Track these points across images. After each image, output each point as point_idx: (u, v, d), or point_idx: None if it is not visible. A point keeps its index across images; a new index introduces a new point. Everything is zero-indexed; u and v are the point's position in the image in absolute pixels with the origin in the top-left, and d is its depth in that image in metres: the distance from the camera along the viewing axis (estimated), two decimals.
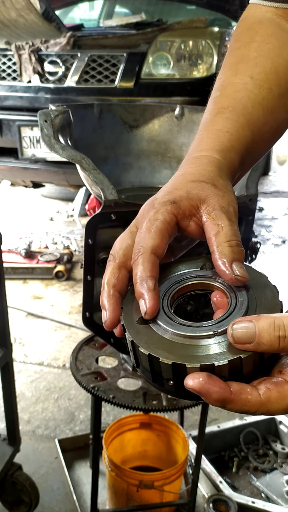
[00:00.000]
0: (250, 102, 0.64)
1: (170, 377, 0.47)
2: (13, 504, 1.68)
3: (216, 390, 0.45)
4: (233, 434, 1.96)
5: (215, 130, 0.62)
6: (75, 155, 1.14)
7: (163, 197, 0.54)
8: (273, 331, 0.44)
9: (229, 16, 4.19)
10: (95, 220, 1.13)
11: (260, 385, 0.46)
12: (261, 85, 0.64)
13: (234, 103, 0.64)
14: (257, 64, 0.66)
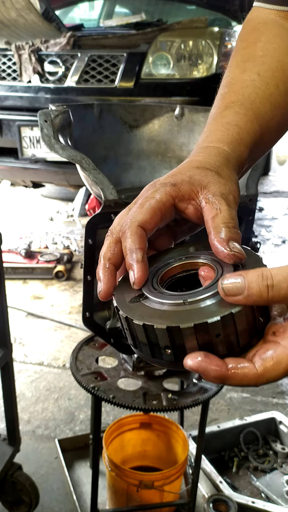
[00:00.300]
0: (258, 97, 0.66)
1: (168, 344, 0.47)
2: (13, 504, 1.68)
3: (213, 369, 0.46)
4: (233, 434, 1.96)
5: (225, 123, 0.63)
6: (75, 155, 1.14)
7: (165, 179, 0.56)
8: (261, 281, 0.45)
9: (229, 16, 4.18)
10: (95, 220, 1.13)
11: (255, 358, 0.47)
12: (268, 82, 0.67)
13: (243, 98, 0.66)
14: (263, 63, 0.69)
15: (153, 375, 1.43)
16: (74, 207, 4.76)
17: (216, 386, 1.39)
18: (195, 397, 1.34)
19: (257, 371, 0.46)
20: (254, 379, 0.46)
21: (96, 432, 1.43)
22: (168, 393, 1.36)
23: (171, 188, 0.54)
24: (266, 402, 2.31)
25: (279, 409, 2.23)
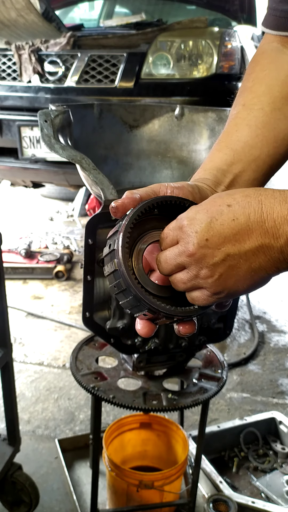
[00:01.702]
0: (236, 127, 0.76)
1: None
2: (13, 504, 1.68)
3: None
4: (233, 434, 1.96)
5: (206, 161, 0.76)
6: (75, 155, 1.14)
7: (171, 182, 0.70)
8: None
9: (229, 16, 4.18)
10: (95, 220, 1.13)
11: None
12: (251, 108, 0.76)
13: (225, 135, 0.77)
14: (251, 91, 0.78)
15: (153, 375, 1.43)
16: (74, 207, 4.76)
17: (216, 386, 1.39)
18: (195, 397, 1.35)
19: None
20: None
21: (96, 432, 1.43)
22: (168, 393, 1.36)
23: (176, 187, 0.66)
24: (266, 402, 2.31)
25: (279, 409, 2.23)
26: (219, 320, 1.38)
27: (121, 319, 1.26)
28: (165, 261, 0.61)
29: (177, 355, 1.40)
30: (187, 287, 0.61)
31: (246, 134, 0.74)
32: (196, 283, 0.60)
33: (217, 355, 1.52)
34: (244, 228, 0.56)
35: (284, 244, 0.55)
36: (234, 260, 0.57)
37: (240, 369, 2.56)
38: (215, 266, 0.58)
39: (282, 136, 0.75)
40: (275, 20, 0.80)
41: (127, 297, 0.63)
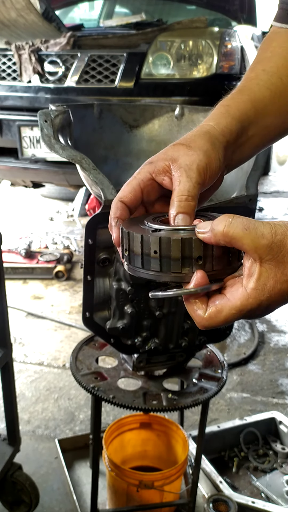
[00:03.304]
0: (257, 86, 0.75)
1: (157, 249, 0.56)
2: (13, 504, 1.68)
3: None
4: (233, 434, 1.96)
5: (218, 106, 0.73)
6: (75, 155, 1.14)
7: (149, 159, 0.66)
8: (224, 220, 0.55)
9: (229, 16, 4.18)
10: (95, 220, 1.13)
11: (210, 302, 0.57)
12: (271, 75, 0.76)
13: (243, 87, 0.75)
14: (270, 61, 0.78)
15: (153, 375, 1.43)
16: (74, 207, 4.76)
17: (216, 386, 1.39)
18: (195, 397, 1.35)
19: (204, 316, 0.57)
20: (201, 320, 0.57)
21: (96, 432, 1.43)
22: (168, 393, 1.36)
23: (148, 166, 0.65)
24: (266, 402, 2.31)
25: (279, 409, 2.23)
26: None
27: (121, 319, 1.26)
28: (220, 325, 0.58)
29: (177, 355, 1.40)
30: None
31: (267, 96, 0.74)
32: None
33: (217, 355, 1.52)
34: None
35: None
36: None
37: (240, 369, 2.56)
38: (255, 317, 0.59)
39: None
40: (283, 13, 0.80)
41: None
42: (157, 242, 0.55)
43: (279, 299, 0.54)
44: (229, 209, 1.21)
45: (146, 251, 0.57)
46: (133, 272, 0.60)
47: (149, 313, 1.26)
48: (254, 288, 0.53)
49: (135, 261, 0.59)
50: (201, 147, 0.64)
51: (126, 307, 1.24)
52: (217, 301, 0.56)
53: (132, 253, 0.59)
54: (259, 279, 0.53)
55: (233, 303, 0.55)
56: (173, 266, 0.56)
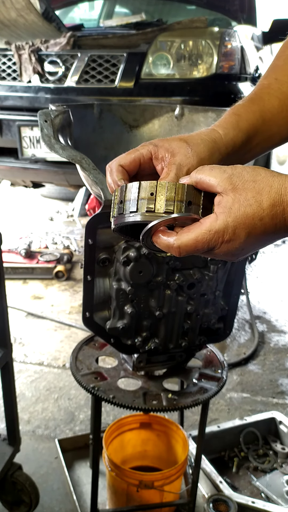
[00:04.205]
0: (268, 96, 0.80)
1: (153, 192, 0.64)
2: (13, 504, 1.68)
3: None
4: (233, 434, 1.96)
5: (230, 113, 0.79)
6: (75, 155, 1.14)
7: (155, 140, 0.73)
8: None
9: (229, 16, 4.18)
10: (95, 220, 1.13)
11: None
12: (282, 83, 0.81)
13: (254, 96, 0.81)
14: (282, 69, 0.84)
15: (153, 375, 1.43)
16: (74, 207, 4.76)
17: (216, 386, 1.39)
18: (195, 397, 1.35)
19: (176, 236, 0.65)
20: (174, 240, 0.65)
21: (96, 432, 1.43)
22: (168, 393, 1.36)
23: (152, 147, 0.71)
24: (266, 402, 2.31)
25: (279, 409, 2.23)
26: (219, 320, 1.38)
27: (121, 319, 1.26)
28: (193, 250, 0.66)
29: (177, 355, 1.40)
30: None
31: (275, 105, 0.80)
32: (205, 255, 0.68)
33: (217, 355, 1.52)
34: (271, 235, 0.64)
35: None
36: (252, 251, 0.67)
37: (240, 369, 2.56)
38: (237, 255, 0.67)
39: None
40: None
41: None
42: (154, 187, 0.64)
43: (244, 221, 0.62)
44: None
45: (142, 195, 0.64)
46: (123, 220, 0.67)
47: (149, 313, 1.27)
48: (222, 212, 0.63)
49: (130, 206, 0.66)
50: (199, 154, 0.71)
51: (126, 307, 1.24)
52: (191, 226, 0.65)
53: (128, 201, 0.66)
54: (225, 204, 0.63)
55: (203, 224, 0.64)
56: (167, 205, 0.64)
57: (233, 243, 0.64)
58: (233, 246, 0.64)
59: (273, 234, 0.64)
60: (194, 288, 1.26)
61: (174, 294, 1.25)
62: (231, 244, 0.64)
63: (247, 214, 0.62)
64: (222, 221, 0.63)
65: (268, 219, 0.62)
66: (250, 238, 0.63)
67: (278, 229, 0.63)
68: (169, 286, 1.24)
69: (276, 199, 0.62)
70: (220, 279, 1.29)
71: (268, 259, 4.02)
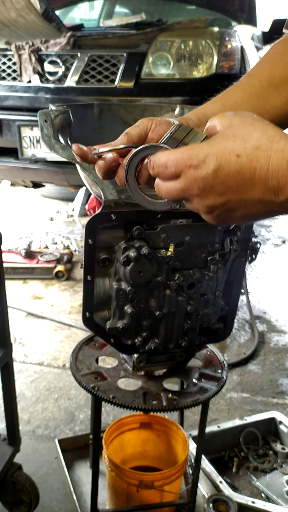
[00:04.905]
0: (232, 88, 0.91)
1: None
2: (13, 504, 1.68)
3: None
4: (233, 434, 1.96)
5: (200, 106, 0.89)
6: None
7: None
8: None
9: (229, 16, 4.18)
10: (95, 220, 1.13)
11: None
12: (252, 77, 0.91)
13: (222, 93, 0.91)
14: (257, 66, 0.94)
15: (153, 375, 1.43)
16: (74, 207, 4.76)
17: (216, 386, 1.39)
18: (195, 397, 1.35)
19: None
20: (161, 155, 0.66)
21: (96, 432, 1.43)
22: (168, 393, 1.36)
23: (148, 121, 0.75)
24: (266, 402, 2.31)
25: (279, 409, 2.23)
26: (219, 320, 1.38)
27: (121, 319, 1.26)
28: (167, 193, 0.66)
29: (177, 355, 1.40)
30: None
31: (239, 96, 0.88)
32: (192, 208, 0.68)
33: (217, 355, 1.52)
34: (248, 182, 0.59)
35: (285, 200, 0.58)
36: (233, 205, 0.62)
37: (240, 369, 2.56)
38: (215, 207, 0.63)
39: (269, 107, 0.87)
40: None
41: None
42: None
43: (219, 152, 0.60)
44: None
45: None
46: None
47: (149, 313, 1.26)
48: (205, 142, 0.63)
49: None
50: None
51: (126, 307, 1.24)
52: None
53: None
54: (213, 138, 0.63)
55: (188, 146, 0.64)
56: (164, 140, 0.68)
57: (200, 170, 0.61)
58: (199, 174, 0.61)
59: (249, 183, 0.58)
60: (194, 288, 1.26)
61: (174, 294, 1.25)
62: (197, 172, 0.61)
63: (225, 147, 0.59)
64: (199, 147, 0.61)
65: (246, 159, 0.58)
66: (220, 173, 0.59)
67: (257, 178, 0.58)
68: (169, 286, 1.24)
69: (264, 143, 0.58)
70: (220, 279, 1.29)
71: (268, 259, 4.02)
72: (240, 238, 1.25)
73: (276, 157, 0.56)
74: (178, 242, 1.20)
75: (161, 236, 1.18)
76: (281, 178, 0.56)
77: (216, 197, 0.62)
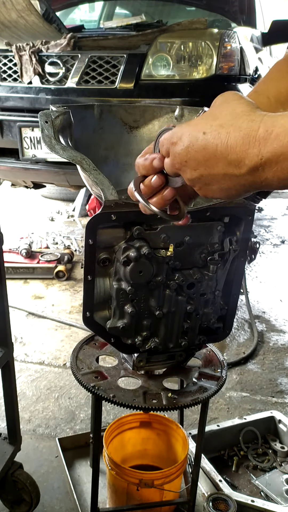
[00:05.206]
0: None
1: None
2: (14, 503, 1.68)
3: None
4: (233, 433, 1.97)
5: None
6: (76, 156, 1.15)
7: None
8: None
9: (229, 17, 4.19)
10: (96, 220, 1.14)
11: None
12: (260, 94, 0.95)
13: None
14: (264, 83, 0.98)
15: (153, 374, 1.44)
16: (74, 208, 4.77)
17: (215, 385, 1.40)
18: (195, 396, 1.35)
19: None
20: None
21: (97, 431, 1.44)
22: (168, 392, 1.37)
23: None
24: (266, 401, 2.32)
25: (278, 408, 2.24)
26: (218, 319, 1.39)
27: (121, 319, 1.27)
28: (166, 167, 0.77)
29: (177, 355, 1.41)
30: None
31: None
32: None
33: (217, 355, 1.53)
34: (212, 157, 0.65)
35: (246, 173, 0.63)
36: (207, 179, 0.68)
37: (239, 368, 2.57)
38: (194, 180, 0.70)
39: None
40: None
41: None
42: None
43: (190, 130, 0.68)
44: (228, 209, 1.22)
45: None
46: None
47: (149, 313, 1.27)
48: (186, 122, 0.72)
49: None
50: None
51: (126, 306, 1.25)
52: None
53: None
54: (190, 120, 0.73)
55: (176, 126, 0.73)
56: None
57: (177, 146, 0.70)
58: (176, 150, 0.70)
59: (214, 158, 0.65)
60: (194, 288, 1.27)
61: (174, 294, 1.26)
62: (175, 148, 0.70)
63: (196, 125, 0.68)
64: (180, 127, 0.71)
65: (210, 135, 0.65)
66: (191, 149, 0.67)
67: (219, 153, 0.64)
68: (169, 286, 1.25)
69: (227, 120, 0.63)
70: (220, 279, 1.30)
71: (267, 259, 4.02)
72: (240, 238, 1.26)
73: (234, 133, 0.62)
74: (178, 242, 1.21)
75: (161, 236, 1.19)
76: (239, 153, 0.62)
77: (192, 171, 0.69)
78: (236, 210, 1.22)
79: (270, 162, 0.59)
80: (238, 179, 0.65)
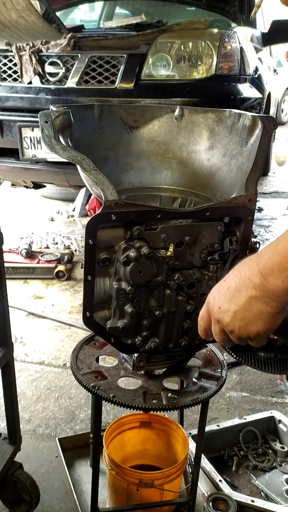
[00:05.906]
0: None
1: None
2: (14, 503, 1.69)
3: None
4: (233, 433, 1.97)
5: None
6: (76, 156, 1.15)
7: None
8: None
9: (229, 17, 4.19)
10: (96, 221, 1.14)
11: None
12: None
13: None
14: None
15: (153, 374, 1.44)
16: (74, 208, 4.77)
17: (215, 385, 1.40)
18: (195, 396, 1.35)
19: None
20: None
21: (97, 431, 1.44)
22: (168, 392, 1.37)
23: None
24: (266, 401, 2.32)
25: (278, 408, 2.24)
26: None
27: (121, 319, 1.27)
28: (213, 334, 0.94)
29: (177, 355, 1.41)
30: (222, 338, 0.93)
31: None
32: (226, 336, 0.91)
33: (217, 355, 1.53)
34: (235, 291, 0.83)
35: (261, 291, 0.80)
36: (241, 314, 0.83)
37: (239, 368, 2.57)
38: (231, 323, 0.85)
39: None
40: None
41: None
42: None
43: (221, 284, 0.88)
44: (228, 209, 1.22)
45: None
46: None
47: (149, 313, 1.27)
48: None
49: None
50: None
51: (126, 306, 1.25)
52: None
53: None
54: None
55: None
56: None
57: (209, 296, 0.91)
58: (210, 298, 0.90)
59: (235, 291, 0.83)
60: (194, 288, 1.27)
61: (174, 293, 1.26)
62: (210, 298, 0.90)
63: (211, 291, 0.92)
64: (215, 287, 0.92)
65: (228, 278, 0.86)
66: (219, 292, 0.87)
67: (239, 285, 0.83)
68: (169, 286, 1.25)
69: (236, 266, 0.85)
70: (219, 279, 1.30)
71: None
72: (240, 238, 1.26)
73: (243, 268, 0.83)
74: (178, 242, 1.21)
75: (161, 236, 1.19)
76: (251, 277, 0.81)
77: (226, 314, 0.87)
78: (236, 210, 1.22)
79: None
80: (261, 298, 0.82)
